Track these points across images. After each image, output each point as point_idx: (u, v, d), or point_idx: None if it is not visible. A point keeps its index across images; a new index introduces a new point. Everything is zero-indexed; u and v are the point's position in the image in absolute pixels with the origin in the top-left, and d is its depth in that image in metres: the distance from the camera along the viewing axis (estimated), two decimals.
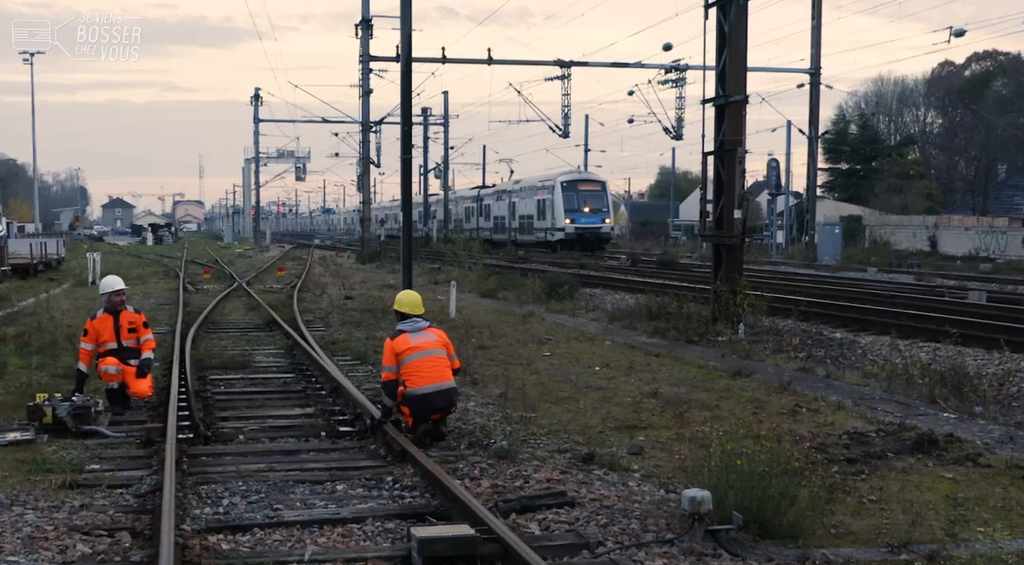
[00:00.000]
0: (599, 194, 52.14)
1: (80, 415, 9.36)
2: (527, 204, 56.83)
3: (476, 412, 10.08)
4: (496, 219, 63.93)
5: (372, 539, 6.11)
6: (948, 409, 10.39)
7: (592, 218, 50.65)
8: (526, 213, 56.92)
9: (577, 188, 51.51)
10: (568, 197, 51.15)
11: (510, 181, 67.62)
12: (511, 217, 60.30)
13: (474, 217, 69.76)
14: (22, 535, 6.04)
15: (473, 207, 70.50)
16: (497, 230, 62.89)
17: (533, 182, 57.75)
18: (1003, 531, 6.23)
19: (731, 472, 6.27)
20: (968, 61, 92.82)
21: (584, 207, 50.72)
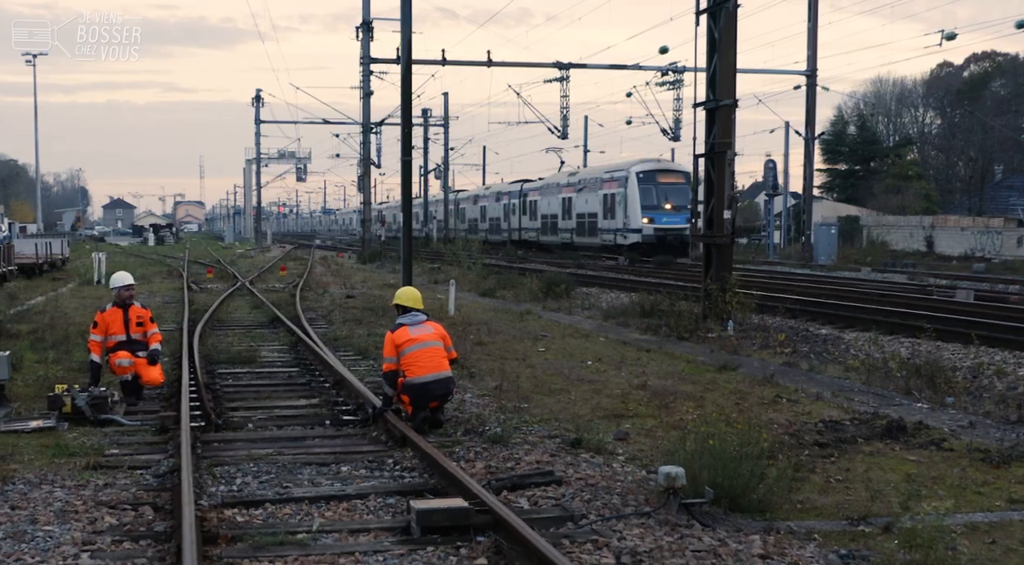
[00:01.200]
0: (683, 188, 41.85)
1: (98, 404, 9.89)
2: (589, 200, 47.09)
3: (472, 403, 10.62)
4: (545, 218, 54.02)
5: (374, 513, 6.65)
6: (922, 400, 10.93)
7: (675, 217, 40.99)
8: (586, 211, 47.31)
9: (656, 180, 41.97)
10: (646, 191, 41.86)
11: (562, 172, 59.34)
12: (565, 215, 50.70)
13: (514, 215, 60.36)
14: (54, 509, 6.58)
15: (513, 204, 60.72)
16: (546, 231, 53.67)
17: (597, 172, 48.25)
18: (955, 506, 6.77)
19: (704, 452, 6.81)
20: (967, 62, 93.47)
21: (665, 203, 41.40)
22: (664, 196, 41.72)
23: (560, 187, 52.52)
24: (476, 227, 69.63)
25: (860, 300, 19.86)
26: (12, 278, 31.44)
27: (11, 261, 33.01)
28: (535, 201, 56.47)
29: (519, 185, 61.54)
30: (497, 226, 64.41)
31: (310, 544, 5.95)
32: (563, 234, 50.85)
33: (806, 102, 48.09)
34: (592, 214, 46.57)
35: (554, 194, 53.06)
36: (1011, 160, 79.57)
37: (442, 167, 79.52)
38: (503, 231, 62.07)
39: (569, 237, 49.89)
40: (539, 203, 55.23)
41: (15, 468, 7.66)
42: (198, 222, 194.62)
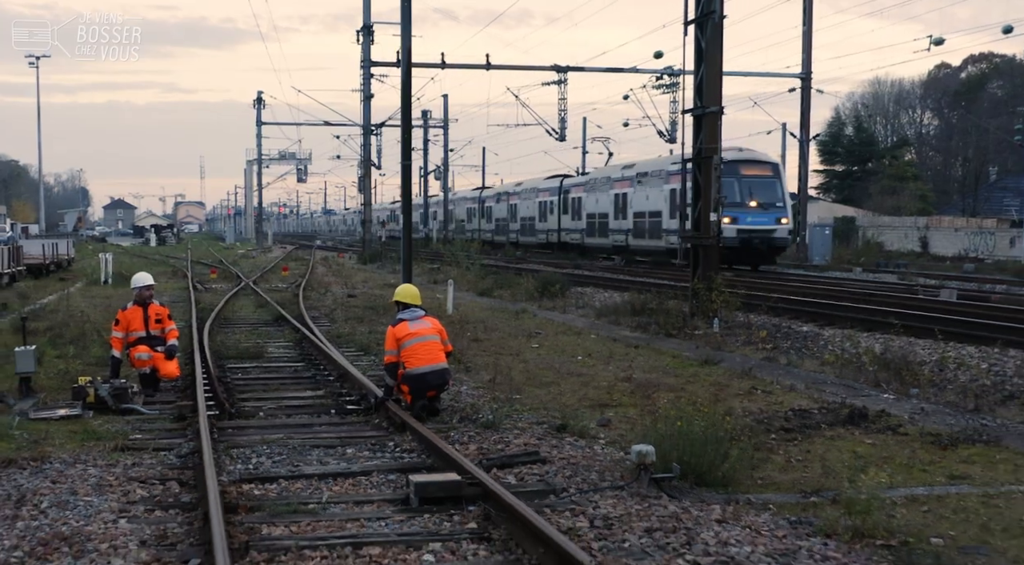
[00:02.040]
0: (771, 182, 36.20)
1: (119, 395, 10.66)
2: (651, 196, 40.16)
3: (468, 394, 11.37)
4: (593, 218, 47.07)
5: (377, 487, 7.41)
6: (889, 391, 11.67)
7: (762, 216, 34.96)
8: (647, 209, 40.25)
9: (739, 172, 35.35)
10: (726, 185, 34.20)
11: (614, 164, 51.77)
12: (619, 214, 43.71)
13: (552, 215, 54.14)
14: (90, 483, 7.34)
15: (551, 202, 54.80)
16: (594, 232, 46.73)
17: (661, 164, 40.68)
18: (901, 481, 7.53)
19: (673, 433, 7.56)
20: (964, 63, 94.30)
21: (750, 200, 35.24)
22: (748, 191, 35.38)
23: (612, 181, 45.19)
24: (506, 228, 63.49)
25: (844, 299, 20.61)
26: (21, 278, 32.22)
27: (20, 261, 33.78)
28: (579, 198, 49.41)
29: (558, 180, 55.35)
30: (531, 227, 58.24)
31: (320, 513, 6.70)
32: (615, 236, 43.97)
33: (801, 104, 48.86)
34: (655, 212, 39.47)
35: (604, 190, 45.67)
36: (1005, 161, 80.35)
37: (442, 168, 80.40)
38: (539, 232, 56.30)
39: (623, 239, 42.98)
40: (584, 200, 48.11)
41: (49, 450, 8.42)
42: (198, 222, 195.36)
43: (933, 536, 6.30)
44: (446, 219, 78.22)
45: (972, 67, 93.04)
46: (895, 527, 6.39)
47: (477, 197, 72.72)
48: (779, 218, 35.57)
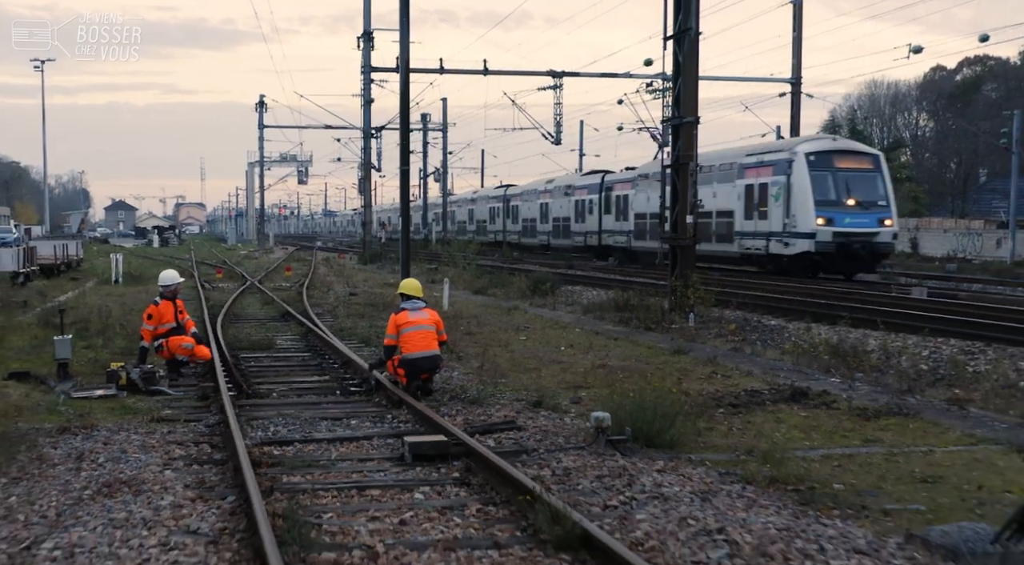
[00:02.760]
0: (871, 176, 31.01)
1: (148, 378, 12.03)
2: (720, 193, 35.29)
3: (458, 379, 12.71)
4: (641, 219, 41.94)
5: (377, 448, 8.76)
6: (836, 375, 13.02)
7: (862, 217, 30.04)
8: (714, 208, 35.37)
9: (834, 164, 30.84)
10: (820, 179, 30.38)
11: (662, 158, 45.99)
12: None
13: (591, 215, 49.10)
14: (136, 445, 8.71)
15: (590, 201, 49.42)
16: (643, 235, 41.67)
17: (732, 156, 35.98)
18: (820, 443, 8.89)
19: (628, 403, 8.92)
20: (959, 66, 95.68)
21: (848, 197, 30.26)
22: (846, 187, 30.46)
23: None
24: (533, 229, 58.99)
25: (813, 296, 21.95)
26: (35, 277, 33.61)
27: (34, 262, 35.18)
28: (624, 196, 44.36)
29: (599, 176, 50.30)
30: (566, 228, 52.99)
31: (330, 467, 8.06)
32: None
33: (791, 108, 50.19)
34: (724, 212, 34.74)
35: (655, 188, 40.28)
36: (995, 164, 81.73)
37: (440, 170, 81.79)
38: (575, 235, 51.42)
39: None
40: (631, 199, 42.87)
41: (95, 421, 9.77)
42: (199, 223, 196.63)
43: (837, 483, 7.64)
44: (445, 221, 79.58)
45: (967, 70, 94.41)
46: (806, 476, 7.74)
47: (502, 196, 66.99)
48: (882, 219, 30.25)
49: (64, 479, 7.52)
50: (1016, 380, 11.88)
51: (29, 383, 11.93)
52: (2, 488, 7.27)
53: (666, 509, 6.70)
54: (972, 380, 12.13)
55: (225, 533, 6.23)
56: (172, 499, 6.94)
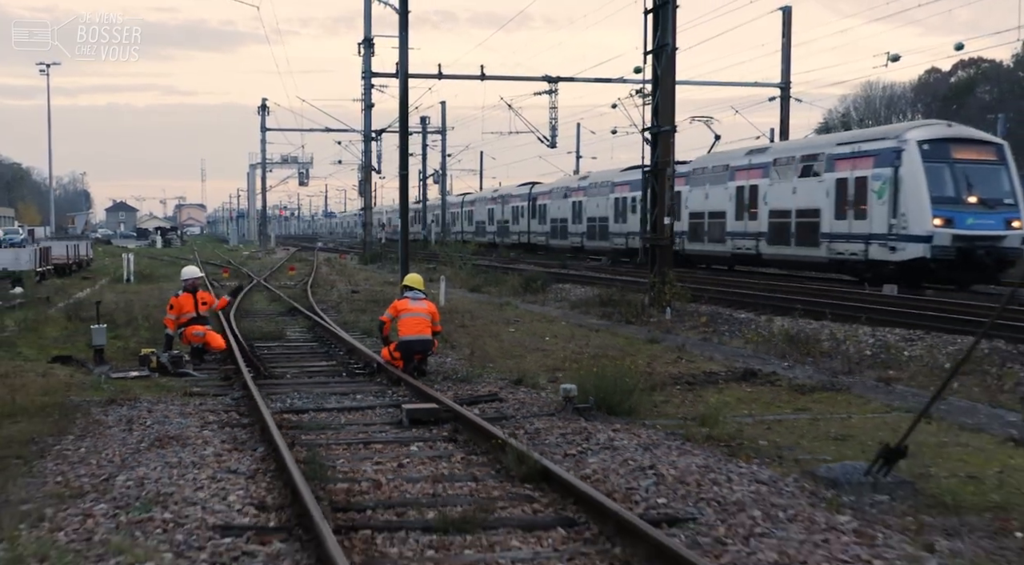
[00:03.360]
0: (996, 169, 26.68)
1: (175, 361, 13.61)
2: (801, 189, 30.50)
3: (450, 364, 14.26)
4: (698, 218, 37.58)
5: (379, 415, 10.33)
6: (788, 360, 14.57)
7: (987, 218, 25.87)
8: (793, 207, 30.82)
9: (951, 154, 26.48)
10: (936, 172, 26.04)
11: (731, 149, 40.04)
12: (742, 212, 34.17)
13: (633, 214, 43.30)
14: (175, 412, 10.28)
15: (632, 199, 43.71)
16: (699, 236, 37.31)
17: (819, 145, 31.76)
18: (757, 411, 10.44)
19: (593, 378, 10.48)
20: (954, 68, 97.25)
21: (969, 194, 26.06)
22: (966, 182, 26.15)
23: (729, 171, 35.27)
24: (564, 230, 54.55)
25: (784, 292, 23.50)
26: (49, 276, 35.19)
27: (49, 262, 36.78)
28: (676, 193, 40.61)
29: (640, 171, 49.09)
30: (603, 229, 48.42)
31: (340, 429, 9.62)
32: (736, 241, 34.31)
33: (780, 112, 51.72)
34: (807, 211, 29.81)
35: (717, 182, 36.08)
36: None
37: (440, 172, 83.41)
38: (614, 236, 46.73)
39: (752, 246, 33.13)
40: (686, 196, 37.70)
41: (136, 395, 11.34)
42: (200, 225, 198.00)
43: (763, 440, 9.19)
44: (444, 222, 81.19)
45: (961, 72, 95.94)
46: (738, 435, 9.29)
47: (527, 194, 61.96)
48: (1009, 220, 25.90)
49: (120, 436, 9.08)
50: (943, 362, 13.44)
51: (71, 366, 13.49)
52: (72, 442, 8.83)
53: (613, 455, 8.27)
54: (905, 363, 13.70)
55: (258, 472, 7.79)
56: (213, 450, 8.51)
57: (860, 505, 6.88)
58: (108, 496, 6.95)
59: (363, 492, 7.20)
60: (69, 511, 6.59)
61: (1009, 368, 12.65)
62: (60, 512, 6.56)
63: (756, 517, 6.49)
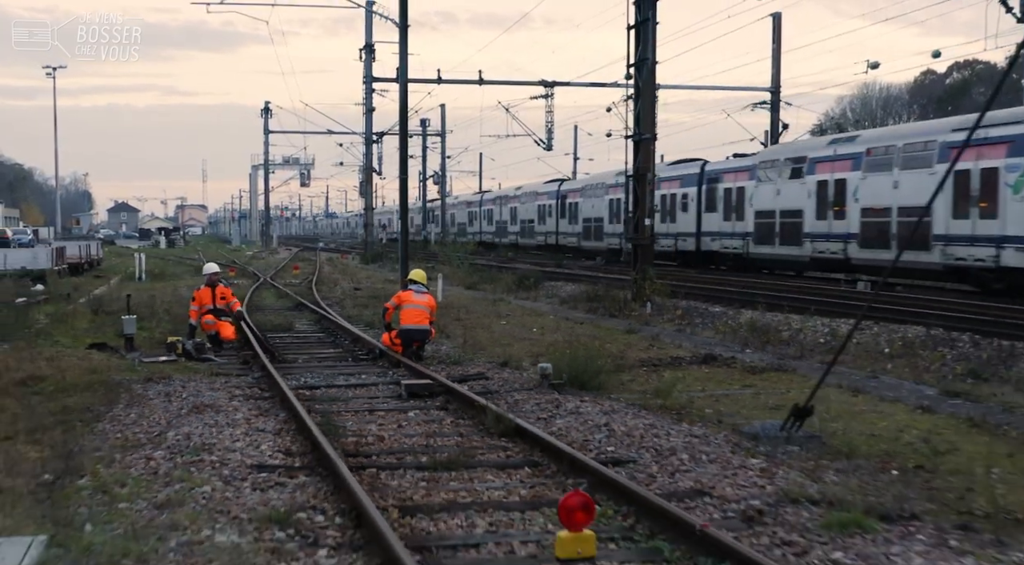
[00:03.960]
0: None
1: (198, 348, 15.23)
2: (909, 183, 25.74)
3: (445, 351, 15.85)
4: (766, 217, 32.89)
5: (381, 391, 11.95)
6: (750, 348, 16.18)
7: None
8: (901, 203, 25.99)
9: None
10: None
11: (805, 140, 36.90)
12: (826, 209, 29.54)
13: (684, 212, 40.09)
14: (205, 388, 11.89)
15: (684, 195, 40.02)
16: (768, 238, 32.79)
17: (928, 132, 26.95)
18: (710, 388, 12.05)
19: (567, 359, 12.09)
20: (949, 70, 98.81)
21: None
22: None
23: (808, 163, 30.53)
24: (598, 231, 48.33)
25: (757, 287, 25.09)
26: (64, 275, 36.83)
27: (64, 261, 38.42)
28: (737, 190, 35.49)
29: (696, 166, 40.56)
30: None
31: (347, 401, 11.23)
32: (817, 244, 29.85)
33: (771, 115, 53.37)
34: (911, 209, 25.16)
35: (792, 176, 31.22)
36: None
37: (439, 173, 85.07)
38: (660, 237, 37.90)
39: (839, 249, 28.73)
40: (751, 193, 33.96)
41: (168, 375, 12.95)
42: (201, 225, 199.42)
43: (708, 409, 10.79)
44: (444, 222, 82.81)
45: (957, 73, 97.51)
46: (688, 405, 10.88)
47: (554, 191, 57.54)
48: None
49: (162, 405, 10.70)
50: (883, 347, 15.05)
51: (106, 352, 15.09)
52: (122, 410, 10.45)
53: (577, 418, 9.89)
54: (849, 348, 15.28)
55: (282, 431, 9.41)
56: (242, 415, 10.13)
57: (772, 453, 8.48)
58: (163, 446, 8.57)
59: (369, 443, 8.82)
60: (134, 456, 8.20)
61: (939, 351, 14.26)
62: (127, 456, 8.17)
63: (684, 459, 8.11)
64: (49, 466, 7.74)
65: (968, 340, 14.58)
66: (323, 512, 6.66)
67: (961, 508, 6.87)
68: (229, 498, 6.93)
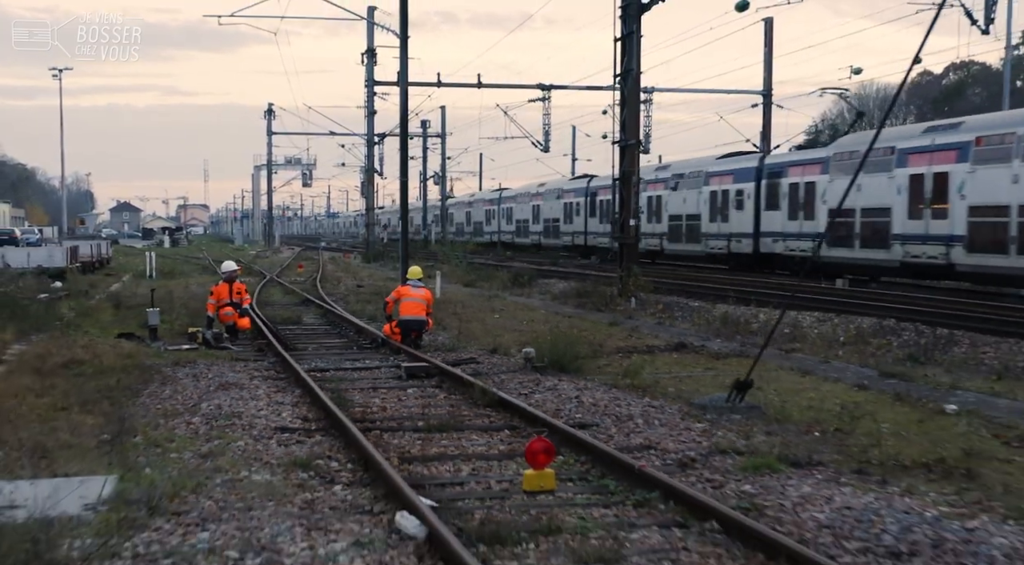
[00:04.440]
0: None
1: (216, 337, 16.76)
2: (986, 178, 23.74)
3: (441, 340, 17.35)
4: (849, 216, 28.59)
5: (383, 372, 13.47)
6: (721, 338, 17.67)
7: None
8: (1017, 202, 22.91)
9: None
10: None
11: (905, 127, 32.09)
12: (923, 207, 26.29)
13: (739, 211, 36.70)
14: (228, 370, 13.41)
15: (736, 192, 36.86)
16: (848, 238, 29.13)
17: None
18: (676, 370, 13.55)
19: (548, 344, 13.60)
20: (946, 71, 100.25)
21: None
22: None
23: (897, 155, 27.70)
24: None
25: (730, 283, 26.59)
26: (76, 273, 38.36)
27: (77, 259, 39.96)
28: (807, 185, 32.57)
29: (754, 160, 37.74)
30: (692, 229, 39.88)
31: (354, 381, 12.75)
32: (910, 247, 26.90)
33: (763, 117, 54.86)
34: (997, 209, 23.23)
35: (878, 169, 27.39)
36: None
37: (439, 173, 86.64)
38: (709, 238, 38.52)
39: (939, 254, 25.60)
40: (823, 188, 31.27)
41: (193, 360, 14.46)
42: (203, 225, 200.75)
43: (671, 388, 12.28)
44: (444, 222, 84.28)
45: (953, 74, 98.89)
46: (653, 384, 12.38)
47: (583, 188, 54.31)
48: None
49: (192, 384, 12.22)
50: (839, 336, 16.57)
51: (133, 341, 16.60)
52: (157, 388, 11.96)
53: (553, 393, 11.42)
54: (812, 338, 16.81)
55: (299, 403, 10.93)
56: (263, 391, 11.66)
57: (717, 419, 9.98)
58: (199, 414, 10.09)
59: (373, 412, 10.34)
60: (175, 421, 9.73)
61: (887, 339, 15.77)
62: (169, 422, 9.70)
63: (639, 423, 9.63)
64: (106, 429, 9.24)
65: (913, 329, 16.09)
66: (337, 460, 8.18)
67: (861, 458, 8.37)
68: (260, 450, 8.46)
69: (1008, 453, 8.66)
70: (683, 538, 6.15)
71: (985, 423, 9.88)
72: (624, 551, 5.84)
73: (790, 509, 6.69)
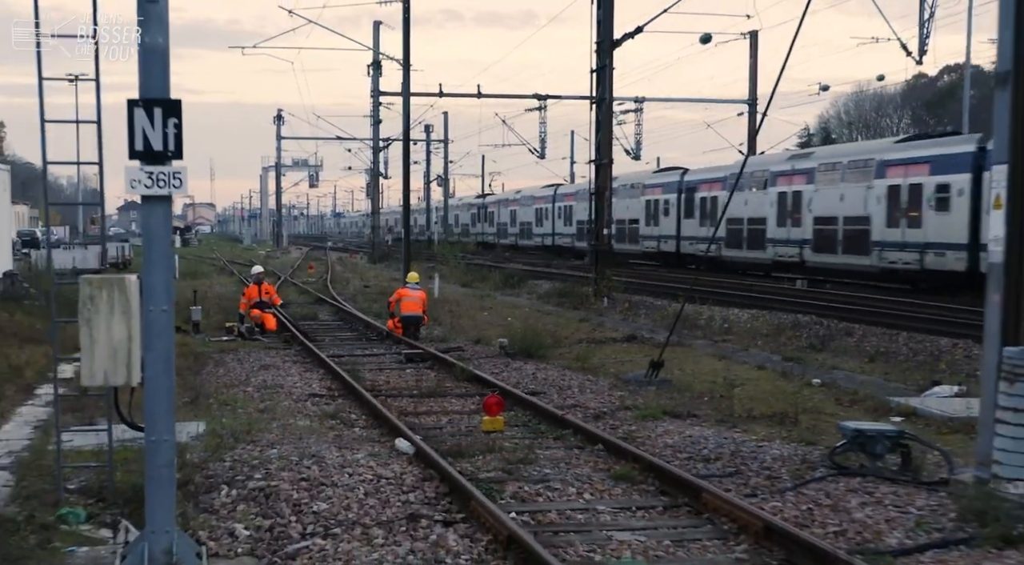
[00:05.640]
0: None
1: (250, 330, 20.25)
2: None
3: (436, 333, 20.81)
4: None
5: (387, 358, 16.95)
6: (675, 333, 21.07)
7: None
8: None
9: None
10: None
11: None
12: None
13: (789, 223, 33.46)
14: (264, 356, 16.88)
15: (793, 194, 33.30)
16: None
17: None
18: (621, 358, 16.97)
19: (519, 336, 17.07)
20: (940, 73, 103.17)
21: None
22: None
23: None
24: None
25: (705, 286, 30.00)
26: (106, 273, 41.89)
27: (105, 261, 43.49)
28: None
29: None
30: (759, 238, 35.16)
31: (365, 364, 16.22)
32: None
33: (748, 126, 58.06)
34: None
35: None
36: None
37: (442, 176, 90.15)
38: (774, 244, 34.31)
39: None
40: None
41: (235, 348, 17.94)
42: (210, 224, 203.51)
43: (613, 369, 15.70)
44: (446, 224, 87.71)
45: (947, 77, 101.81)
46: (599, 366, 15.79)
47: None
48: None
49: (239, 366, 15.70)
50: (760, 328, 20.02)
51: (179, 333, 20.07)
52: (211, 369, 15.44)
53: (517, 371, 14.92)
54: (743, 331, 20.23)
55: (323, 378, 14.44)
56: (295, 370, 15.15)
57: (635, 389, 13.44)
58: (250, 386, 13.58)
59: (380, 384, 13.84)
60: (233, 391, 13.21)
61: (798, 333, 19.21)
62: (230, 391, 13.19)
63: (575, 391, 13.11)
64: (184, 395, 12.69)
65: (821, 323, 19.54)
66: (355, 413, 11.68)
67: (726, 412, 11.81)
68: (300, 407, 11.95)
69: (836, 410, 12.10)
70: (578, 454, 9.62)
71: (836, 392, 13.30)
72: (536, 459, 9.30)
73: (653, 439, 10.16)
